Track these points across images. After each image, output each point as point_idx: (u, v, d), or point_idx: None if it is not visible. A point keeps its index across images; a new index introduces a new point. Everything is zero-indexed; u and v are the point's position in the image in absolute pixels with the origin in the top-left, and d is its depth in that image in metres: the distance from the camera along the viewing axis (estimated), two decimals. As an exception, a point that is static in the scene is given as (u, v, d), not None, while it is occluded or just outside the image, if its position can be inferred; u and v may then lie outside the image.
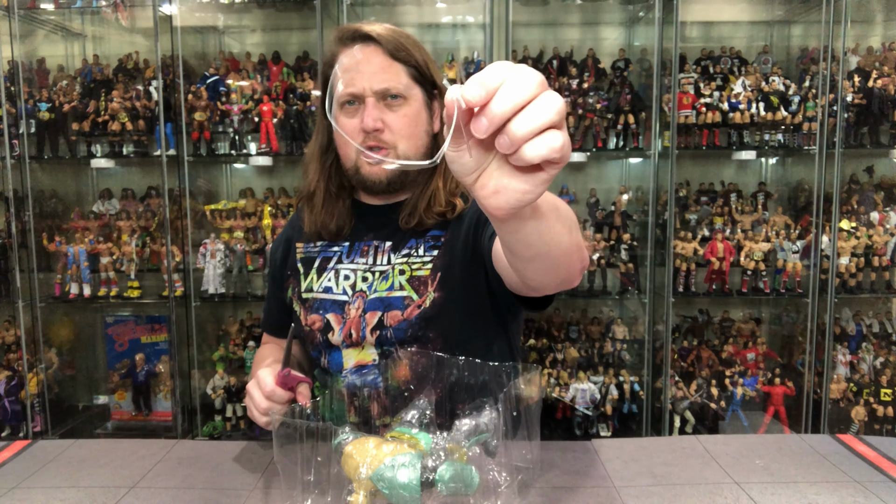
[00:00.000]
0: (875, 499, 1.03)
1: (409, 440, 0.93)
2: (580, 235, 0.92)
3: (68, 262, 2.79)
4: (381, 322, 1.20)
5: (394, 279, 1.21)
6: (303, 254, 1.33)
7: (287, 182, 2.99)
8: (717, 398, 2.70)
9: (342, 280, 1.25)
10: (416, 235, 1.25)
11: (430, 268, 1.21)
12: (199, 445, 1.27)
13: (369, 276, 1.24)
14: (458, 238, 1.21)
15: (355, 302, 1.23)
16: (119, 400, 2.88)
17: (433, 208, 1.21)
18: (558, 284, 0.95)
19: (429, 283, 1.20)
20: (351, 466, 0.91)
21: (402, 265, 1.22)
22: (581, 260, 0.92)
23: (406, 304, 1.20)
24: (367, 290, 1.23)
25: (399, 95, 1.17)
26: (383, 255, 1.25)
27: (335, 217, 1.27)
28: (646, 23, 2.84)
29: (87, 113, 2.78)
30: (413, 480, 0.87)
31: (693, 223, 2.82)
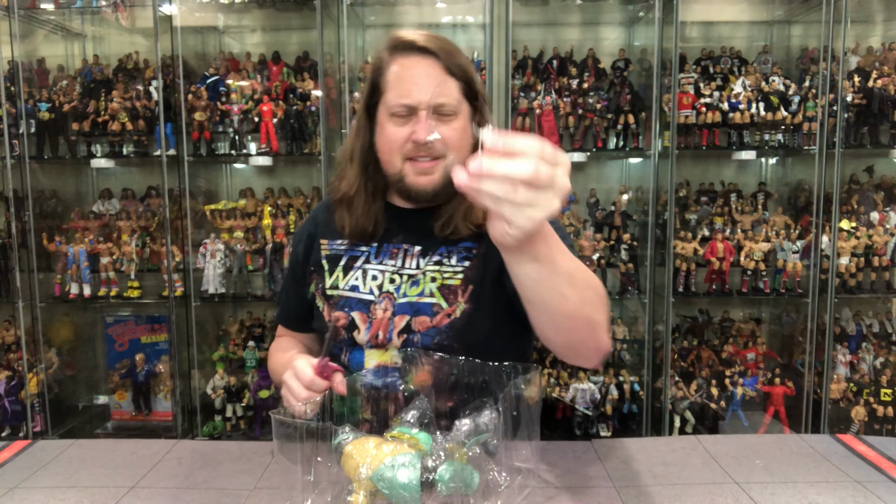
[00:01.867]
0: (875, 499, 1.03)
1: (409, 440, 0.93)
2: (602, 319, 0.95)
3: (68, 262, 2.79)
4: (408, 326, 1.21)
5: (425, 286, 1.23)
6: (328, 250, 1.33)
7: (287, 182, 2.99)
8: (717, 398, 2.70)
9: (370, 280, 1.27)
10: (447, 244, 1.26)
11: (460, 278, 1.23)
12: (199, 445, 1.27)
13: (397, 279, 1.25)
14: (493, 254, 1.21)
15: (382, 303, 1.24)
16: (119, 400, 2.88)
17: (470, 219, 1.23)
18: (564, 346, 0.99)
19: (459, 293, 1.22)
20: (351, 466, 0.91)
21: (434, 273, 1.24)
22: (595, 340, 0.96)
23: (435, 311, 1.21)
24: (395, 293, 1.24)
25: (452, 111, 1.19)
26: (412, 259, 1.27)
27: (374, 220, 1.28)
28: (646, 23, 2.84)
29: (87, 113, 2.78)
30: (413, 480, 0.87)
31: (693, 223, 2.82)
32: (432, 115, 1.17)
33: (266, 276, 2.80)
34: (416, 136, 1.16)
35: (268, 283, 2.80)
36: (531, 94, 2.78)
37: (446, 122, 1.19)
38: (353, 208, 1.28)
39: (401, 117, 1.18)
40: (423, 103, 1.16)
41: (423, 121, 1.16)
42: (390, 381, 1.20)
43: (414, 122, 1.17)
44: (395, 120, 1.19)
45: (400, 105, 1.17)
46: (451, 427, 0.96)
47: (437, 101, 1.17)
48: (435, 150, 1.19)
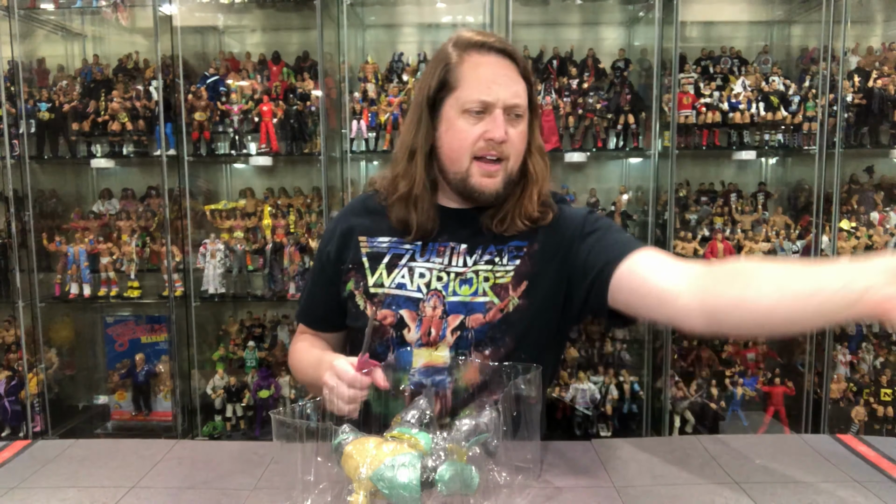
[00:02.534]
0: (875, 499, 1.03)
1: (409, 440, 0.93)
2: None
3: (68, 262, 2.79)
4: (462, 324, 1.22)
5: (478, 285, 1.24)
6: (368, 248, 1.32)
7: (287, 182, 2.99)
8: (717, 398, 2.70)
9: (417, 278, 1.27)
10: (496, 242, 1.27)
11: (511, 275, 1.24)
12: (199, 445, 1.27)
13: (444, 276, 1.26)
14: (556, 251, 1.24)
15: (430, 300, 1.24)
16: (119, 400, 2.88)
17: (526, 214, 1.25)
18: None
19: (510, 289, 1.23)
20: (351, 466, 0.91)
21: (487, 272, 1.25)
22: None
23: (487, 308, 1.23)
24: (443, 290, 1.25)
25: (522, 112, 1.21)
26: (459, 257, 1.27)
27: (430, 216, 1.27)
28: (646, 23, 2.84)
29: (87, 113, 2.78)
30: (413, 480, 0.87)
31: (693, 223, 2.82)
32: (507, 114, 1.19)
33: (266, 276, 2.80)
34: (493, 135, 1.18)
35: (268, 283, 2.80)
36: (531, 94, 2.78)
37: (515, 125, 1.21)
38: (419, 206, 1.26)
39: (474, 115, 1.19)
40: (500, 101, 1.18)
41: (500, 118, 1.18)
42: (439, 380, 1.21)
43: (488, 121, 1.18)
44: (468, 117, 1.19)
45: (478, 101, 1.18)
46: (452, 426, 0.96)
47: (514, 102, 1.19)
48: (503, 151, 1.20)
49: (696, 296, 1.01)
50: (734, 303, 0.96)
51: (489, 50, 1.20)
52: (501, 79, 1.18)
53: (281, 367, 2.83)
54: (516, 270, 1.25)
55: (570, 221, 1.26)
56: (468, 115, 1.19)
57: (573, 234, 1.24)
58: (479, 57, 1.20)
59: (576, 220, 1.26)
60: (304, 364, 1.34)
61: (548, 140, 2.76)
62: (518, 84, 1.20)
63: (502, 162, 1.21)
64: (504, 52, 1.20)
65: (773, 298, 0.90)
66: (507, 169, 1.22)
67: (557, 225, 1.27)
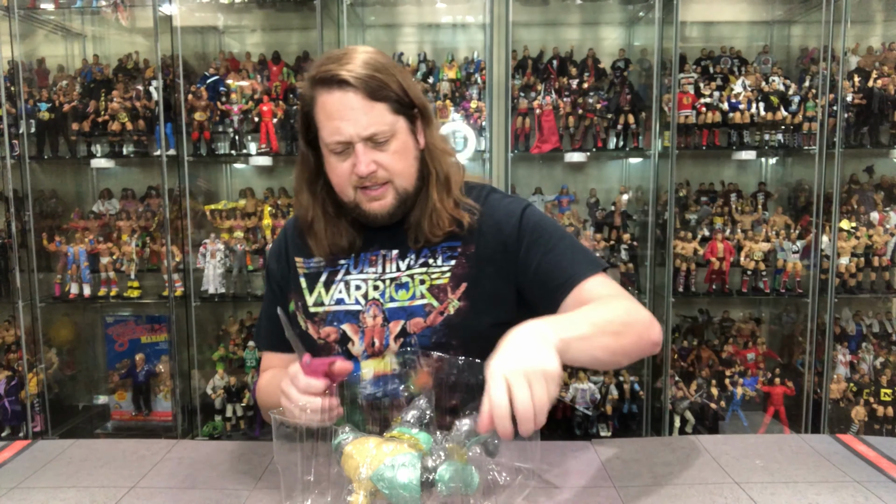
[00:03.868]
0: (875, 499, 1.03)
1: (409, 440, 0.93)
2: (640, 327, 1.10)
3: (68, 262, 2.79)
4: (404, 330, 1.21)
5: (415, 289, 1.23)
6: (305, 269, 1.32)
7: (287, 182, 2.99)
8: (717, 398, 2.70)
9: (354, 290, 1.26)
10: (427, 245, 1.26)
11: (448, 276, 1.23)
12: (199, 445, 1.27)
13: (381, 285, 1.25)
14: (494, 253, 1.24)
15: (370, 310, 1.24)
16: (119, 400, 2.88)
17: (438, 227, 1.23)
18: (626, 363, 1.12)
19: (448, 291, 1.22)
20: (351, 466, 0.91)
21: (423, 275, 1.24)
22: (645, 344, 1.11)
23: (427, 311, 1.22)
24: (381, 298, 1.24)
25: (385, 137, 1.17)
26: (391, 263, 1.26)
27: (344, 234, 1.27)
28: (646, 23, 2.84)
29: (87, 113, 2.78)
30: (413, 480, 0.87)
31: (693, 223, 2.82)
32: (368, 144, 1.16)
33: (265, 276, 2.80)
34: (357, 170, 1.16)
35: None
36: (531, 94, 2.78)
37: (383, 149, 1.18)
38: (314, 233, 1.28)
39: (339, 153, 1.18)
40: (354, 136, 1.15)
41: (360, 153, 1.16)
42: (391, 389, 1.19)
43: (354, 155, 1.17)
44: (335, 155, 1.19)
45: (335, 143, 1.17)
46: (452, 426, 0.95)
47: (368, 133, 1.15)
48: (379, 178, 1.19)
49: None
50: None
51: (331, 85, 1.15)
52: (348, 114, 1.14)
53: (281, 367, 2.83)
54: (452, 271, 1.23)
55: (505, 221, 1.25)
56: (334, 154, 1.19)
57: (511, 235, 1.24)
58: (326, 95, 1.16)
59: (512, 220, 1.25)
60: (271, 398, 1.25)
61: (548, 140, 2.77)
62: (370, 112, 1.15)
63: (386, 184, 1.20)
64: (346, 83, 1.14)
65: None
66: (396, 188, 1.20)
67: (492, 223, 1.26)
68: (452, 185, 1.25)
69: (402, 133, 1.20)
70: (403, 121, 1.20)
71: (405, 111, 1.19)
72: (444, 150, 1.27)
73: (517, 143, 2.78)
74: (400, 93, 1.17)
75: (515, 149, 2.76)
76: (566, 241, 1.24)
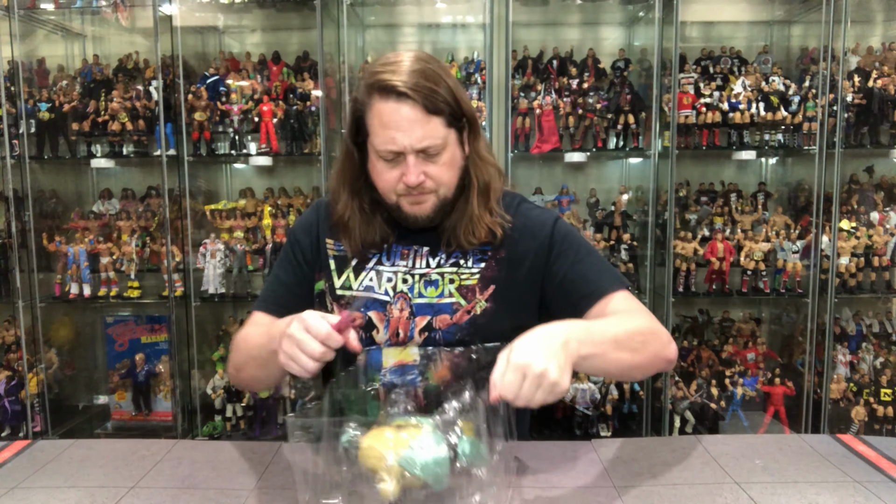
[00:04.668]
0: (875, 499, 1.03)
1: (416, 425, 0.94)
2: (657, 345, 1.14)
3: (68, 262, 2.79)
4: (429, 325, 1.24)
5: (444, 287, 1.26)
6: (335, 251, 1.33)
7: (287, 182, 2.99)
8: (717, 398, 2.70)
9: (385, 282, 1.28)
10: (460, 247, 1.29)
11: (477, 277, 1.26)
12: (199, 445, 1.27)
13: (409, 279, 1.27)
14: (523, 259, 1.27)
15: (397, 303, 1.26)
16: (119, 400, 2.88)
17: (473, 235, 1.25)
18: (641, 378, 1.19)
19: (476, 291, 1.25)
20: (373, 457, 0.91)
21: (452, 275, 1.27)
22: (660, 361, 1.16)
23: (454, 308, 1.24)
24: (410, 293, 1.26)
25: (437, 150, 1.19)
26: (422, 259, 1.29)
27: (378, 230, 1.29)
28: (646, 23, 2.84)
29: (87, 113, 2.78)
30: (443, 456, 0.91)
31: (693, 223, 2.82)
32: (420, 156, 1.18)
33: (266, 276, 2.80)
34: (407, 180, 1.18)
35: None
36: (531, 94, 2.78)
37: (434, 161, 1.19)
38: (349, 230, 1.29)
39: (389, 161, 1.19)
40: (408, 148, 1.16)
41: (412, 164, 1.17)
42: (410, 379, 1.21)
43: (403, 165, 1.18)
44: (384, 162, 1.20)
45: (386, 151, 1.17)
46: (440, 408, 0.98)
47: (422, 146, 1.16)
48: (426, 188, 1.20)
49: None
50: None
51: (388, 94, 1.15)
52: (404, 125, 1.15)
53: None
54: (482, 273, 1.26)
55: (537, 229, 1.28)
56: (383, 160, 1.20)
57: (542, 244, 1.26)
58: (382, 104, 1.16)
59: (544, 230, 1.27)
60: (250, 341, 1.25)
61: (548, 140, 2.77)
62: (426, 125, 1.15)
63: (429, 193, 1.22)
64: (405, 95, 1.14)
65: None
66: (438, 196, 1.23)
67: (524, 230, 1.28)
68: (491, 195, 1.27)
69: (452, 145, 1.21)
70: (454, 132, 1.21)
71: (456, 123, 1.21)
72: (488, 160, 1.29)
73: (517, 143, 2.78)
74: (454, 105, 1.19)
75: (515, 149, 2.76)
76: (594, 255, 1.28)
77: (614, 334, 1.07)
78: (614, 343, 1.05)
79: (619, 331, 1.08)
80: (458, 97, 1.20)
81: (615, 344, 1.05)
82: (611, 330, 1.08)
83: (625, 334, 1.08)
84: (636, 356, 1.09)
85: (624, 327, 1.10)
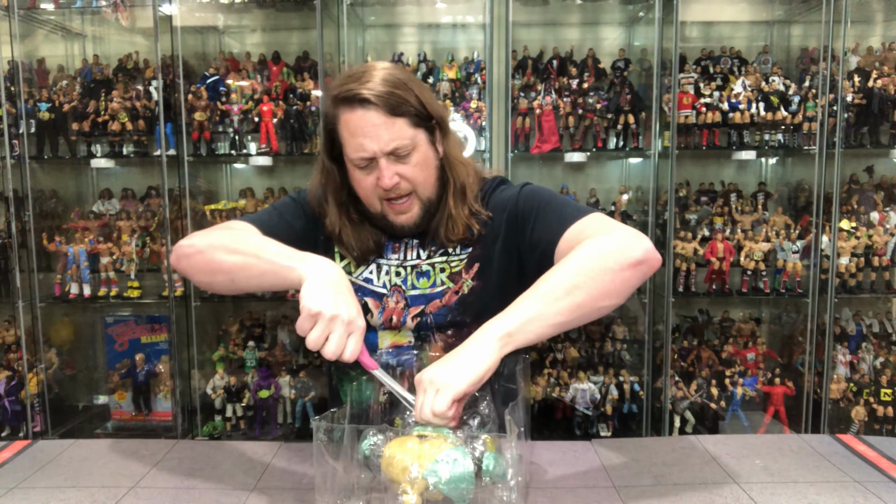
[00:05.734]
0: (875, 499, 1.03)
1: (436, 437, 0.94)
2: (616, 261, 1.05)
3: (68, 262, 2.79)
4: (422, 311, 1.30)
5: (435, 277, 1.32)
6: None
7: (287, 182, 2.99)
8: (717, 398, 2.70)
9: (383, 275, 1.34)
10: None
11: (465, 261, 1.31)
12: (199, 445, 1.27)
13: (402, 271, 1.33)
14: (495, 233, 1.30)
15: (393, 296, 1.32)
16: (119, 400, 2.88)
17: (453, 233, 1.29)
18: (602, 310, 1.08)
19: (463, 272, 1.30)
20: (398, 468, 0.91)
21: (443, 264, 1.32)
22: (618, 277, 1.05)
23: (444, 293, 1.30)
24: (403, 285, 1.32)
25: (407, 150, 1.23)
26: (412, 251, 1.34)
27: (370, 236, 1.34)
28: (646, 23, 2.84)
29: (87, 113, 2.78)
30: (469, 471, 0.90)
31: (693, 223, 2.82)
32: (390, 158, 1.22)
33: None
34: (381, 183, 1.22)
35: (268, 283, 2.80)
36: (531, 94, 2.78)
37: (405, 161, 1.23)
38: (345, 242, 1.33)
39: (363, 168, 1.24)
40: (377, 152, 1.20)
41: (384, 167, 1.21)
42: (405, 360, 1.26)
43: (377, 169, 1.22)
44: (360, 170, 1.25)
45: (359, 158, 1.23)
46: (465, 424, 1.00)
47: (391, 147, 1.20)
48: (402, 190, 1.25)
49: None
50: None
51: (353, 103, 1.20)
52: (370, 130, 1.19)
53: (281, 367, 2.83)
54: (468, 256, 1.32)
55: (506, 201, 1.31)
56: (359, 168, 1.25)
57: (511, 213, 1.29)
58: (349, 113, 1.21)
59: (511, 201, 1.30)
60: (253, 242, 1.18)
61: (548, 140, 2.77)
62: (391, 127, 1.20)
63: (410, 195, 1.26)
64: (367, 101, 1.18)
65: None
66: (420, 197, 1.27)
67: (497, 208, 1.32)
68: (468, 193, 1.32)
69: (423, 145, 1.25)
70: (423, 133, 1.25)
71: (424, 124, 1.25)
72: (460, 160, 1.33)
73: (517, 143, 2.78)
74: (418, 107, 1.23)
75: (515, 149, 2.76)
76: (556, 200, 1.26)
77: (541, 292, 1.03)
78: (542, 299, 1.02)
79: (547, 284, 1.04)
80: (423, 100, 1.24)
81: (545, 299, 1.02)
82: (537, 290, 1.04)
83: (553, 284, 1.04)
84: (578, 294, 1.02)
85: (554, 276, 1.05)
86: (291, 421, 2.80)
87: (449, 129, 1.31)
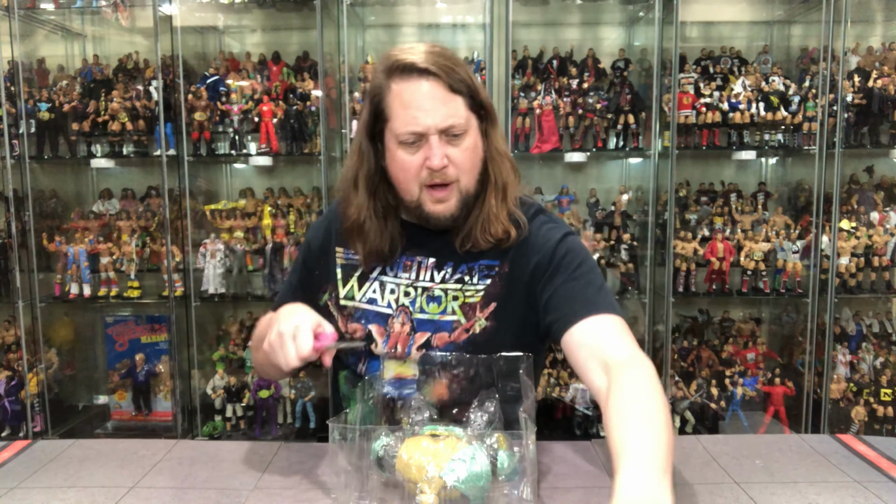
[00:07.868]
0: (875, 499, 1.03)
1: (449, 435, 0.94)
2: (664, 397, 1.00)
3: (68, 262, 2.79)
4: (428, 342, 1.21)
5: (446, 304, 1.22)
6: (343, 259, 1.31)
7: (287, 182, 2.99)
8: (717, 398, 2.70)
9: (388, 294, 1.25)
10: (466, 260, 1.24)
11: (481, 294, 1.22)
12: (199, 445, 1.27)
13: (412, 292, 1.24)
14: (522, 275, 1.22)
15: (399, 316, 1.24)
16: (119, 400, 2.88)
17: (489, 232, 1.21)
18: None
19: (477, 309, 1.21)
20: (414, 468, 0.90)
21: (457, 292, 1.23)
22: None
23: (454, 326, 1.21)
24: (411, 307, 1.23)
25: (461, 130, 1.15)
26: (426, 272, 1.25)
27: (389, 240, 1.25)
28: (646, 23, 2.84)
29: (87, 113, 2.78)
30: (485, 470, 0.90)
31: (693, 223, 2.82)
32: (442, 137, 1.14)
33: (266, 276, 2.80)
34: (431, 163, 1.14)
35: (268, 283, 2.80)
36: (531, 94, 2.78)
37: (456, 144, 1.15)
38: (364, 234, 1.24)
39: (410, 144, 1.15)
40: (431, 128, 1.12)
41: (435, 145, 1.13)
42: (406, 393, 1.19)
43: (425, 148, 1.14)
44: (405, 147, 1.16)
45: (408, 133, 1.14)
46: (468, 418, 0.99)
47: (446, 125, 1.13)
48: (449, 175, 1.16)
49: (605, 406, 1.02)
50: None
51: (410, 73, 1.12)
52: (427, 103, 1.12)
53: (281, 367, 2.83)
54: (486, 290, 1.22)
55: (541, 246, 1.22)
56: (405, 145, 1.15)
57: (543, 258, 1.21)
58: (403, 83, 1.13)
59: (548, 244, 1.22)
60: (260, 336, 1.24)
61: (548, 140, 2.77)
62: (449, 103, 1.13)
63: (452, 184, 1.17)
64: (427, 72, 1.12)
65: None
66: (461, 189, 1.18)
67: (528, 246, 1.23)
68: (508, 194, 1.23)
69: (474, 130, 1.18)
70: (475, 119, 1.18)
71: (477, 109, 1.18)
72: (506, 157, 1.24)
73: (517, 143, 2.78)
74: (474, 91, 1.16)
75: (515, 149, 2.76)
76: (594, 274, 1.19)
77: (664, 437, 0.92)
78: (669, 442, 0.91)
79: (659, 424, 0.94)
80: (476, 87, 1.17)
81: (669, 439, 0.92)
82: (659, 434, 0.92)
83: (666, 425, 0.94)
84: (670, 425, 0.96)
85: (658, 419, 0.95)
86: (291, 421, 2.80)
87: (497, 122, 1.23)
